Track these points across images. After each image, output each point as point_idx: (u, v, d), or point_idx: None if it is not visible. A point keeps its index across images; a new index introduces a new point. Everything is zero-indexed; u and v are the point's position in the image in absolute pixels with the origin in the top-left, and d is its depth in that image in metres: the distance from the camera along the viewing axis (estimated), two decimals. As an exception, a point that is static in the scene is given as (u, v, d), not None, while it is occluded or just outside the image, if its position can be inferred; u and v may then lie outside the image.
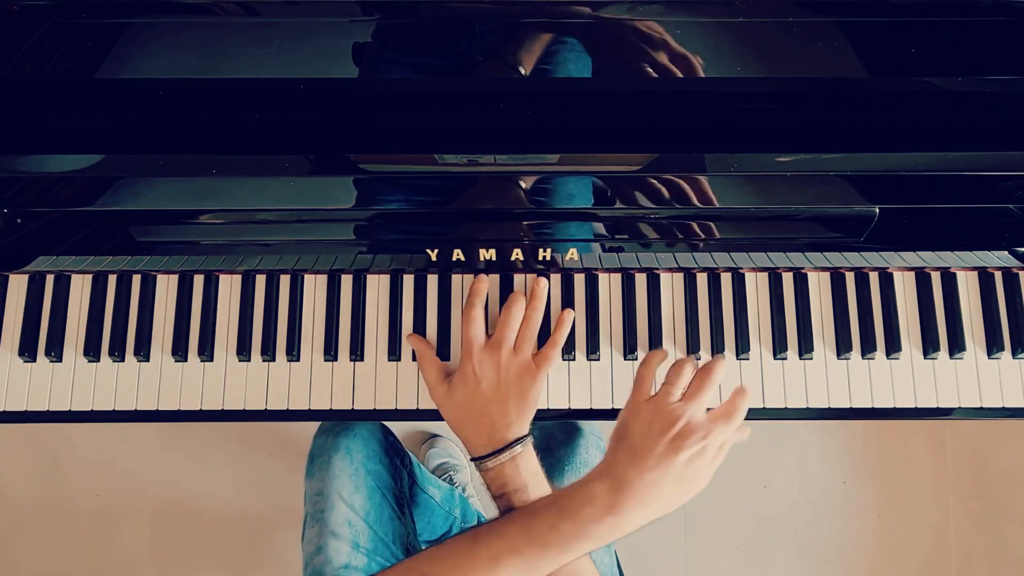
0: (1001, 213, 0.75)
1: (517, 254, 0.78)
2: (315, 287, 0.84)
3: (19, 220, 0.75)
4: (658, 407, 0.68)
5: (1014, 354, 0.82)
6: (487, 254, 0.78)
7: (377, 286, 0.84)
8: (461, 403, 0.75)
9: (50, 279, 0.84)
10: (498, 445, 0.74)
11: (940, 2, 0.69)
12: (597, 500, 0.64)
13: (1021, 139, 0.72)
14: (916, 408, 0.81)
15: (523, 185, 0.74)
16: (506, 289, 0.83)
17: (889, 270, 0.84)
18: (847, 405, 0.81)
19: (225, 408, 0.82)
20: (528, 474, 0.74)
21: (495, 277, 0.84)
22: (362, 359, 0.82)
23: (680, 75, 0.71)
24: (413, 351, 0.82)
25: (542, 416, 0.81)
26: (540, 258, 0.78)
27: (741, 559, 1.58)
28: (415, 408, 0.82)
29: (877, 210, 0.74)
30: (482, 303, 0.80)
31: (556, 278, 0.84)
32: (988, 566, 1.59)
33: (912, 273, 0.84)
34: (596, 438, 1.00)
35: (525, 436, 0.75)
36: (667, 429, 0.66)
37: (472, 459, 0.76)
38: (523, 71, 0.72)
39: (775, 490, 1.59)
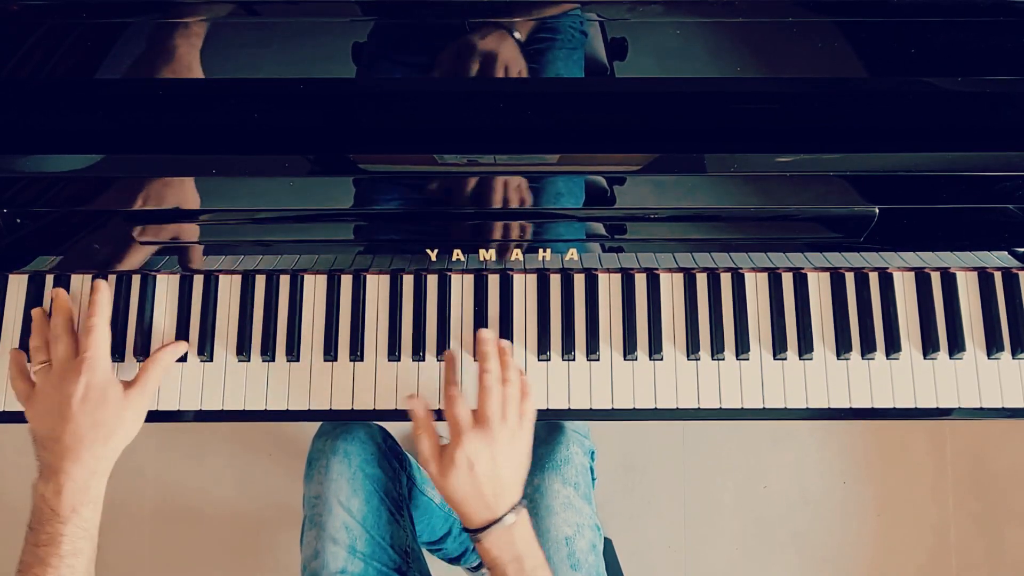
0: (1001, 213, 0.75)
1: (517, 254, 0.78)
2: (315, 287, 0.84)
3: (19, 220, 0.75)
4: (36, 393, 0.76)
5: (1014, 354, 0.82)
6: (487, 254, 0.78)
7: (377, 286, 0.84)
8: (456, 486, 0.73)
9: (50, 279, 0.84)
10: (494, 517, 0.72)
11: (940, 2, 0.69)
12: (45, 495, 0.74)
13: (1021, 139, 0.72)
14: (916, 408, 0.81)
15: (523, 185, 0.74)
16: (506, 290, 0.83)
17: (889, 270, 0.84)
18: (847, 405, 0.81)
19: (225, 408, 0.82)
20: (523, 544, 0.73)
21: (495, 278, 0.84)
22: (362, 359, 0.82)
23: (680, 75, 0.71)
24: (412, 350, 0.82)
25: (541, 416, 0.81)
26: (540, 258, 0.78)
27: (741, 559, 1.58)
28: (415, 408, 0.82)
29: (877, 210, 0.74)
30: (457, 379, 0.78)
31: (556, 278, 0.84)
32: (988, 566, 1.59)
33: (912, 273, 0.84)
34: (579, 436, 0.99)
35: (518, 503, 0.74)
36: (51, 399, 0.75)
37: (465, 530, 0.75)
38: (522, 71, 0.72)
39: (775, 490, 1.59)
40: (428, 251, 0.78)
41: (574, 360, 0.82)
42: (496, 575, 0.73)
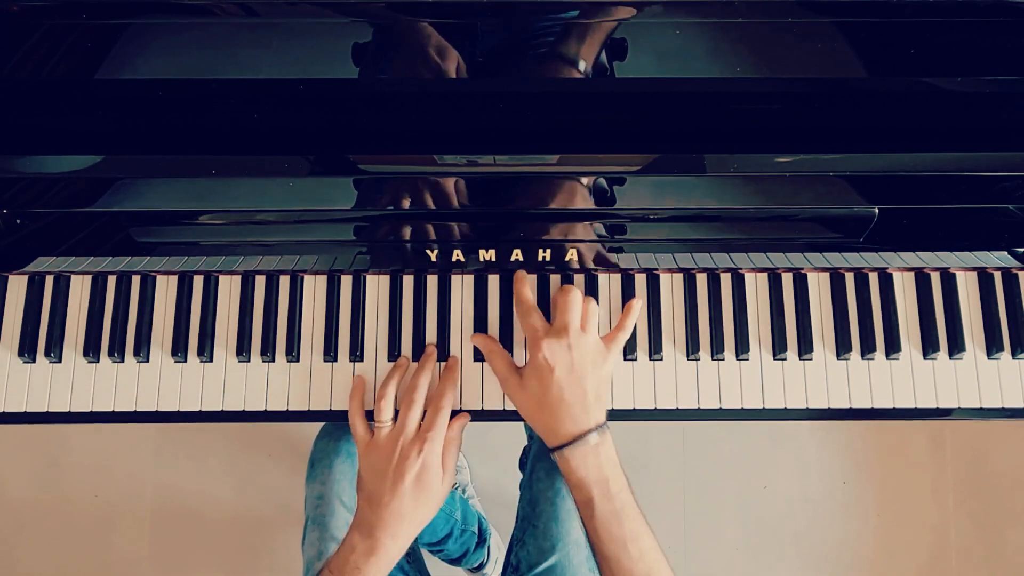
0: (1000, 213, 0.75)
1: (517, 254, 0.78)
2: (315, 287, 0.84)
3: (19, 220, 0.75)
4: (374, 447, 0.75)
5: (1013, 354, 0.82)
6: (487, 254, 0.78)
7: (377, 286, 0.84)
8: (536, 393, 0.73)
9: (49, 279, 0.84)
10: (579, 433, 0.71)
11: (940, 2, 0.69)
12: (356, 548, 0.73)
13: (1021, 139, 0.72)
14: (916, 408, 0.81)
15: (522, 186, 0.74)
16: (505, 289, 0.83)
17: (889, 270, 0.84)
18: (847, 406, 0.81)
19: (225, 409, 0.82)
20: (609, 466, 0.71)
21: (495, 278, 0.84)
22: (362, 360, 0.82)
23: (680, 75, 0.71)
24: (412, 351, 0.82)
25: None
26: (540, 258, 0.78)
27: (741, 559, 1.58)
28: (415, 408, 0.82)
29: (876, 210, 0.74)
30: (532, 290, 0.76)
31: (556, 278, 0.84)
32: (988, 566, 1.59)
33: (912, 273, 0.84)
34: None
35: (603, 423, 0.73)
36: (387, 463, 0.74)
37: (551, 450, 0.74)
38: (522, 71, 0.72)
39: (775, 490, 1.59)
40: (428, 251, 0.78)
41: (574, 360, 0.82)
42: (581, 496, 0.72)
